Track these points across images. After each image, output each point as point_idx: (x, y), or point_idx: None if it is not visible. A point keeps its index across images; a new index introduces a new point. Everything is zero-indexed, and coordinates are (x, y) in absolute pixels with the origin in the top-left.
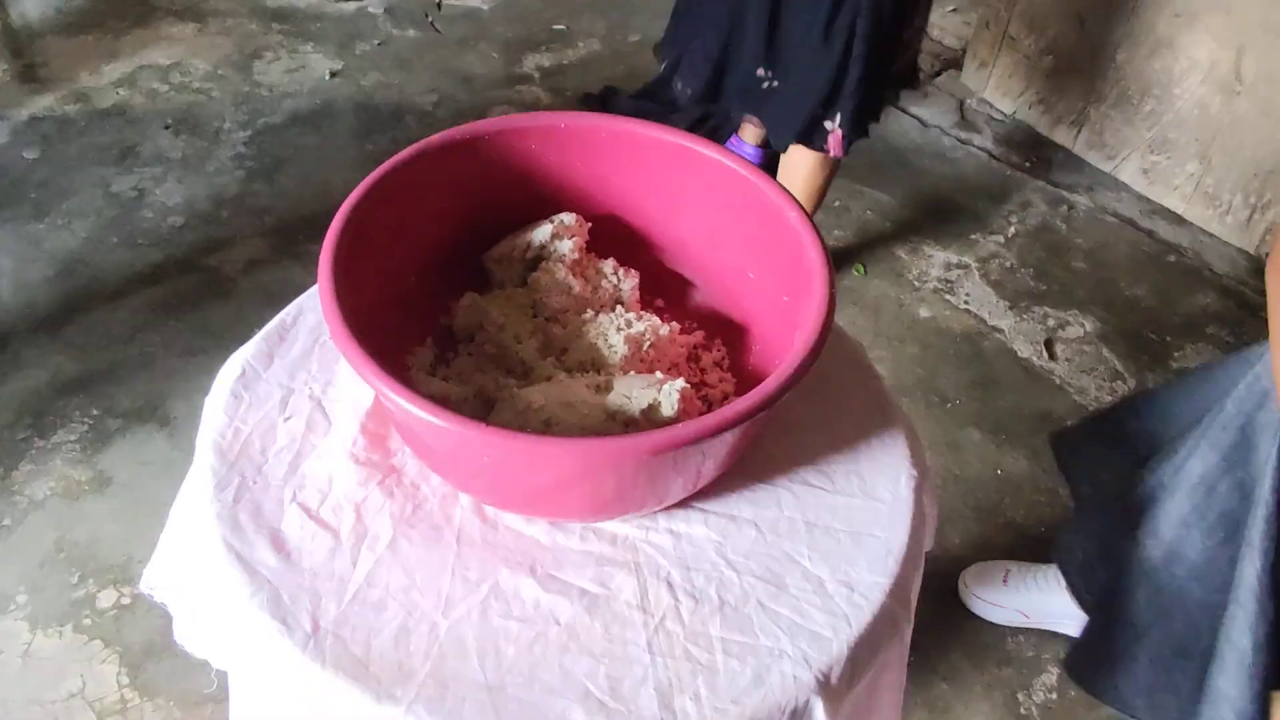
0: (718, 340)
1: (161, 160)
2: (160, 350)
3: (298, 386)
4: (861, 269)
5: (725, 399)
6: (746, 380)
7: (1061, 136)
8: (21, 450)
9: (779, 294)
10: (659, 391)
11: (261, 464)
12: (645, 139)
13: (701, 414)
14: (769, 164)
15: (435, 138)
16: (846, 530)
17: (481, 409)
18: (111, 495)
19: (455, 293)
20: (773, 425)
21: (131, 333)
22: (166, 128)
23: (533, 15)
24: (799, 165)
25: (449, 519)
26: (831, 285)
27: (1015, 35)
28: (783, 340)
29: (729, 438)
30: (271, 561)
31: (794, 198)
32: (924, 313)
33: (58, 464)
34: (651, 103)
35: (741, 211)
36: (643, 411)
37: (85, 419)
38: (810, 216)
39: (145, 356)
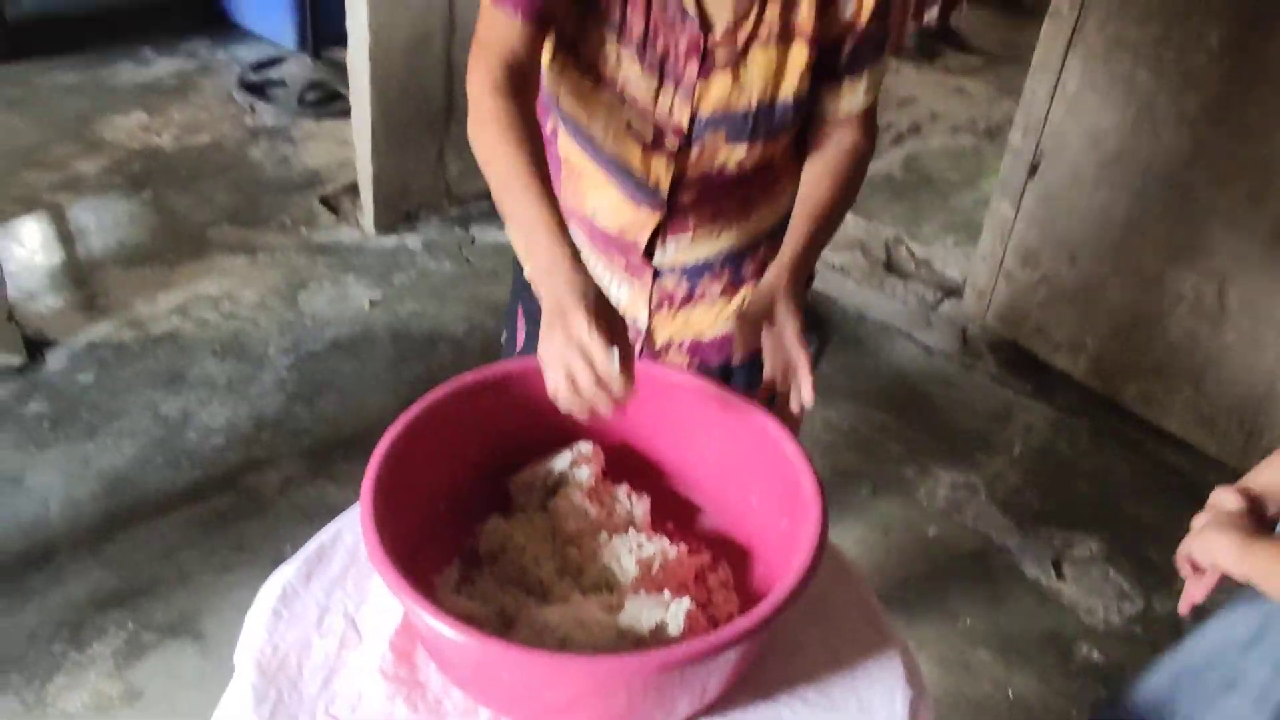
0: (723, 562)
1: (208, 384)
2: (196, 566)
3: (334, 604)
4: (869, 488)
5: (730, 618)
6: (751, 600)
7: (1062, 363)
8: (57, 663)
9: (779, 519)
10: (666, 612)
11: (297, 680)
12: (656, 377)
13: (707, 632)
14: None
15: (468, 377)
16: None
17: (502, 627)
18: (142, 709)
19: (481, 516)
20: (774, 645)
21: (170, 549)
22: (214, 354)
23: None
24: None
25: None
26: (824, 513)
27: (1011, 269)
28: (783, 562)
29: (730, 656)
30: None
31: (791, 432)
32: (933, 532)
33: (91, 677)
34: None
35: (743, 443)
36: (651, 631)
37: (121, 633)
38: (802, 447)
39: (182, 572)
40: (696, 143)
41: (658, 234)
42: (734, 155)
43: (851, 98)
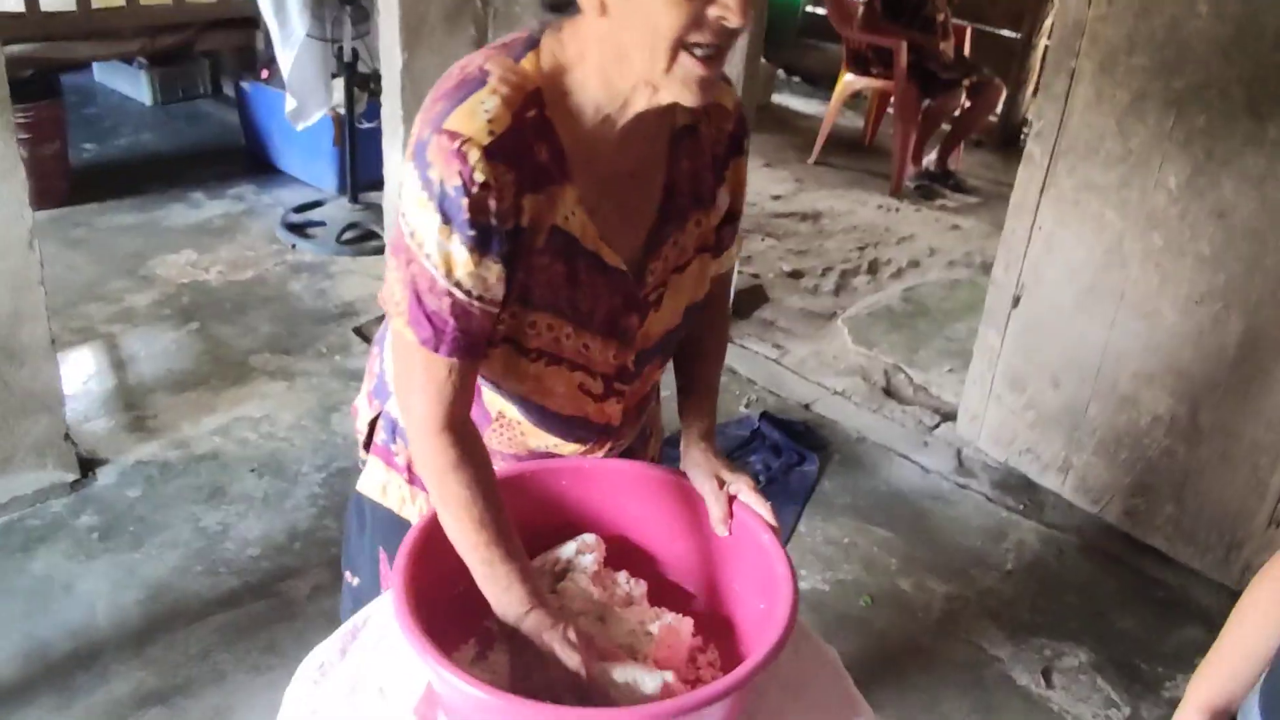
0: (712, 645)
1: (246, 499)
2: (231, 667)
3: (364, 676)
4: (868, 600)
5: None
6: None
7: (1050, 481)
8: None
9: (758, 601)
10: (647, 676)
11: None
12: (647, 477)
13: None
14: None
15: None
16: None
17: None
18: None
19: None
20: (756, 716)
21: (207, 651)
22: (252, 471)
23: None
24: None
25: None
26: (795, 591)
27: (1000, 393)
28: (761, 639)
29: (716, 711)
30: None
31: (768, 523)
32: (927, 641)
33: None
34: None
35: (726, 535)
36: (637, 693)
37: None
38: (779, 536)
39: (217, 673)
40: (639, 376)
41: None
42: (661, 368)
43: (724, 262)
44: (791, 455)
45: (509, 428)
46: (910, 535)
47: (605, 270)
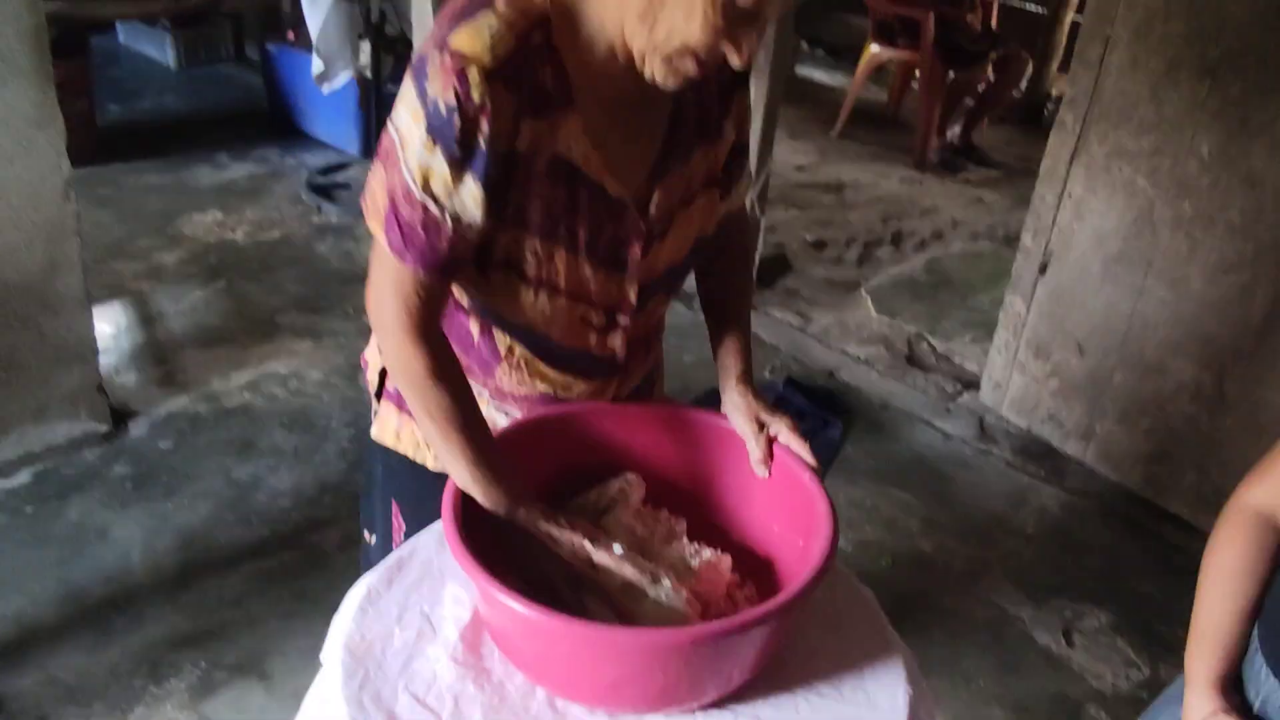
0: (750, 581)
1: (276, 453)
2: (263, 613)
3: (411, 604)
4: (889, 561)
5: None
6: None
7: (1072, 449)
8: (137, 696)
9: (797, 539)
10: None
11: (382, 661)
12: (689, 419)
13: None
14: None
15: (535, 415)
16: None
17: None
18: None
19: None
20: (793, 649)
21: (240, 597)
22: (282, 425)
23: None
24: None
25: (527, 709)
26: (834, 528)
27: (1024, 361)
28: (800, 573)
29: (754, 636)
30: None
31: (810, 465)
32: (949, 602)
33: (167, 709)
34: None
35: (766, 476)
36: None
37: (195, 670)
38: (820, 475)
39: (250, 618)
40: (643, 310)
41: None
42: (666, 303)
43: (734, 199)
44: (816, 420)
45: (518, 367)
46: (932, 499)
47: (607, 200)
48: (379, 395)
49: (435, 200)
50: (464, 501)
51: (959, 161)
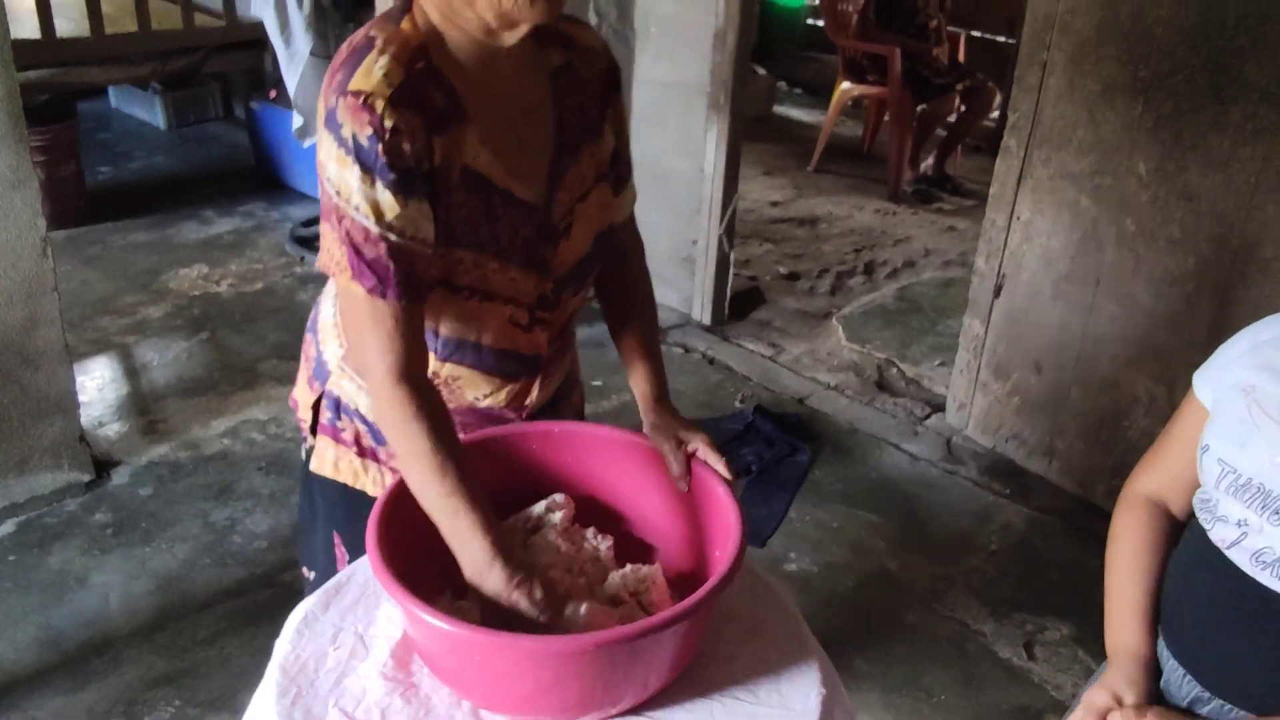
0: (674, 594)
1: (253, 496)
2: (236, 651)
3: (346, 625)
4: (855, 580)
5: None
6: None
7: (1036, 466)
8: None
9: (713, 550)
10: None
11: (314, 679)
12: (613, 439)
13: None
14: None
15: (461, 440)
16: None
17: None
18: None
19: None
20: (711, 654)
21: (214, 636)
22: (260, 469)
23: None
24: None
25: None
26: (744, 535)
27: (985, 381)
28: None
29: (664, 640)
30: None
31: (724, 478)
32: (911, 618)
33: None
34: None
35: (686, 491)
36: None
37: (169, 708)
38: (734, 489)
39: (224, 656)
40: (559, 304)
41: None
42: (578, 296)
43: (625, 199)
44: (784, 446)
45: (447, 385)
46: (899, 520)
47: (517, 204)
48: (314, 430)
49: (392, 230)
50: (390, 517)
51: (933, 192)
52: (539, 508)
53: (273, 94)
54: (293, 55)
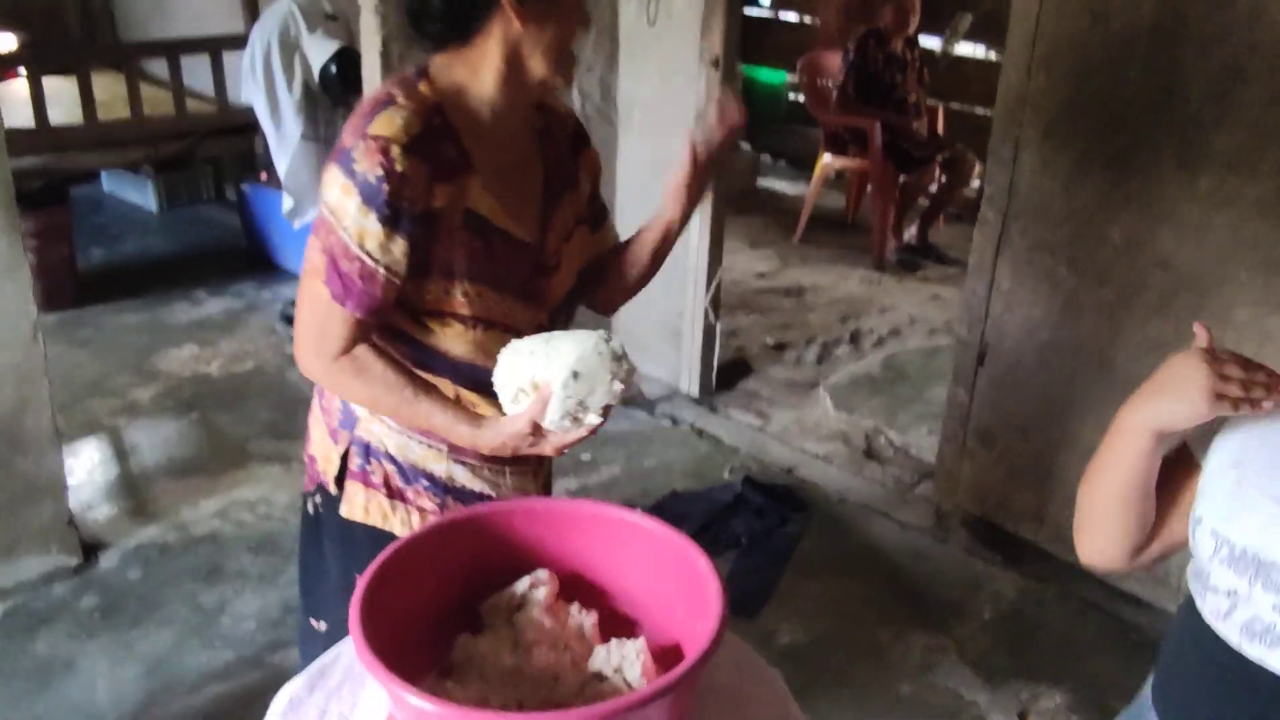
0: (658, 668)
1: (242, 577)
2: None
3: (330, 709)
4: (845, 653)
5: None
6: None
7: (1026, 532)
8: None
9: (696, 624)
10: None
11: None
12: (595, 515)
13: None
14: None
15: (445, 518)
16: None
17: None
18: None
19: (457, 633)
20: None
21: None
22: (249, 550)
23: None
24: None
25: None
26: (724, 608)
27: (973, 449)
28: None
29: (648, 714)
30: None
31: (704, 551)
32: (905, 690)
33: None
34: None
35: (667, 564)
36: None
37: None
38: (711, 560)
39: None
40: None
41: None
42: (567, 325)
43: (605, 240)
44: (774, 517)
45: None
46: (890, 589)
47: (515, 243)
48: (339, 479)
49: (369, 255)
50: (374, 597)
51: (917, 260)
52: (523, 584)
53: (264, 176)
54: (283, 139)
